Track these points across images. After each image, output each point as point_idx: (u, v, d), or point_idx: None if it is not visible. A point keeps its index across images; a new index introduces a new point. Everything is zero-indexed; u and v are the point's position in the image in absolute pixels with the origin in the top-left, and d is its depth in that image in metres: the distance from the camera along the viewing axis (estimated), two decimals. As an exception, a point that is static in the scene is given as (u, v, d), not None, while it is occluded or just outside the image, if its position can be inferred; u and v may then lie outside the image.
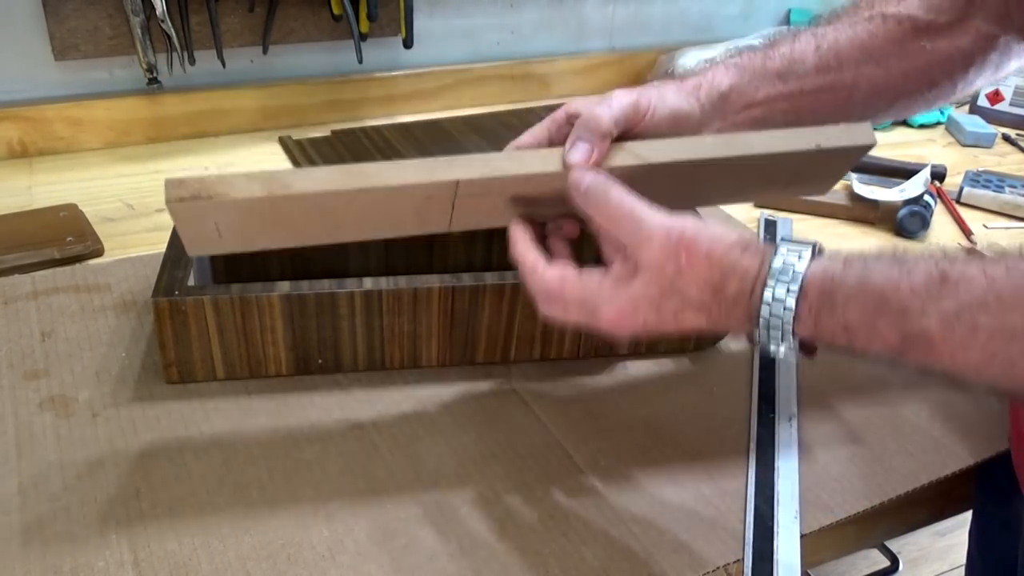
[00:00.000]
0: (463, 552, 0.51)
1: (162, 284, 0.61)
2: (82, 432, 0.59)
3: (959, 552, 1.39)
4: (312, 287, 0.61)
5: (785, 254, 0.43)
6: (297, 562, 0.50)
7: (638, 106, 0.54)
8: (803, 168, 0.57)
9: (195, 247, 0.52)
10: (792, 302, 0.42)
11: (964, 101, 1.32)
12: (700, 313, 0.45)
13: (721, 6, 1.39)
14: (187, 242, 0.52)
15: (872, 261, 0.41)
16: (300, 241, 0.53)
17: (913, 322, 0.39)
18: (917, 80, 0.62)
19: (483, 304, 0.64)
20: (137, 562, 0.49)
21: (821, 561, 0.58)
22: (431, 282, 0.63)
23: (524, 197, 0.53)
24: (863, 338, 0.41)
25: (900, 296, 0.40)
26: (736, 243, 0.44)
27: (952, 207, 0.99)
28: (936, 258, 0.40)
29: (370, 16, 1.09)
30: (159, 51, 1.03)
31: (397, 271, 0.75)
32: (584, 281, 0.48)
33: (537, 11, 1.28)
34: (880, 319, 0.40)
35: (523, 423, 0.62)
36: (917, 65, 0.61)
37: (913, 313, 0.39)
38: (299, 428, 0.60)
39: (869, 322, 0.40)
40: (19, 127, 1.01)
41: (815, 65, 0.60)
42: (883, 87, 0.61)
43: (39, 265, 0.78)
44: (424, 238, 0.75)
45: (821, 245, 0.44)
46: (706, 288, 0.44)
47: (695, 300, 0.44)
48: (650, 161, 0.52)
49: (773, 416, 0.63)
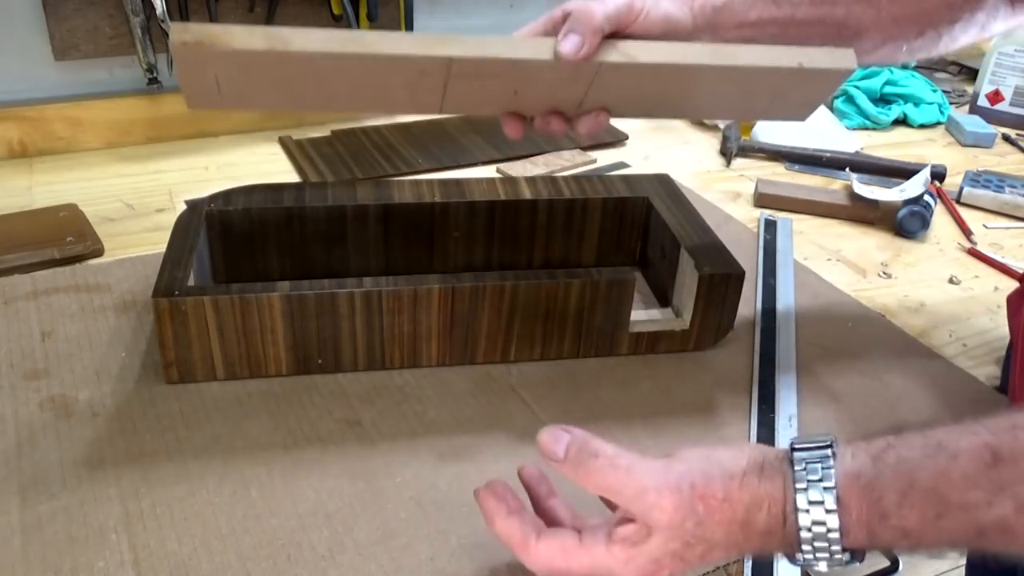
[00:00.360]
0: (463, 552, 0.51)
1: (162, 284, 0.61)
2: (82, 432, 0.59)
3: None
4: (312, 287, 0.61)
5: (806, 469, 0.40)
6: (297, 562, 0.50)
7: (632, 6, 0.54)
8: (785, 88, 0.58)
9: (195, 99, 0.55)
10: (835, 522, 0.39)
11: (964, 102, 1.33)
12: (731, 549, 0.41)
13: (721, 6, 1.39)
14: (187, 93, 0.54)
15: (904, 450, 0.39)
16: (295, 105, 0.58)
17: (983, 514, 0.37)
18: (905, 26, 0.63)
19: (483, 304, 0.64)
20: (137, 562, 0.49)
21: (821, 561, 0.58)
22: (431, 282, 0.62)
23: (514, 85, 0.55)
24: (930, 539, 0.38)
25: (958, 491, 0.37)
26: (751, 468, 0.41)
27: (952, 207, 0.99)
28: (975, 432, 0.38)
29: (370, 16, 1.09)
30: (159, 51, 1.03)
31: (397, 270, 0.75)
32: (590, 549, 0.43)
33: (537, 11, 1.27)
34: (944, 520, 0.38)
35: (523, 423, 0.62)
36: (907, 12, 0.62)
37: (981, 506, 0.37)
38: (299, 428, 0.60)
39: (932, 524, 0.38)
40: (19, 127, 1.01)
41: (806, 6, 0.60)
42: (872, 28, 0.62)
43: (39, 265, 0.78)
44: (425, 238, 0.75)
45: (834, 438, 0.41)
46: (732, 527, 0.41)
47: (723, 542, 0.41)
48: (638, 60, 0.53)
49: (773, 416, 0.63)
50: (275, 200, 0.72)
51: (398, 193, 0.75)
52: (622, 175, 0.84)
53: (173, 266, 0.63)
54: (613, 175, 0.84)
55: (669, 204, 0.77)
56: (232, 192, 0.73)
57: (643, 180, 0.81)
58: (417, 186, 0.76)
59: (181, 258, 0.64)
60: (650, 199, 0.78)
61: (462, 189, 0.76)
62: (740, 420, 0.63)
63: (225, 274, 0.73)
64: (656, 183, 0.81)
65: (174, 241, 0.67)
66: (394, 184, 0.77)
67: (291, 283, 0.61)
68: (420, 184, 0.77)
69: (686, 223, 0.74)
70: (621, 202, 0.78)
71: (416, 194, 0.75)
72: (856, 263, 0.87)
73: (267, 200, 0.72)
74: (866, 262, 0.88)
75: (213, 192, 0.73)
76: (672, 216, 0.75)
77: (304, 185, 0.78)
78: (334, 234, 0.73)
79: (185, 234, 0.67)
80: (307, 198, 0.73)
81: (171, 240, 0.67)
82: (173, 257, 0.64)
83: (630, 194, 0.78)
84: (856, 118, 1.23)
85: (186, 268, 0.63)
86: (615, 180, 0.81)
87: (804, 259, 0.87)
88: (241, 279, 0.71)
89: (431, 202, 0.74)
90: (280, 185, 0.76)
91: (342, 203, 0.73)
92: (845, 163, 1.06)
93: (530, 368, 0.67)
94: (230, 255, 0.73)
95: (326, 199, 0.73)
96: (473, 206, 0.75)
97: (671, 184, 0.82)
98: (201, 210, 0.70)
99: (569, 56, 0.52)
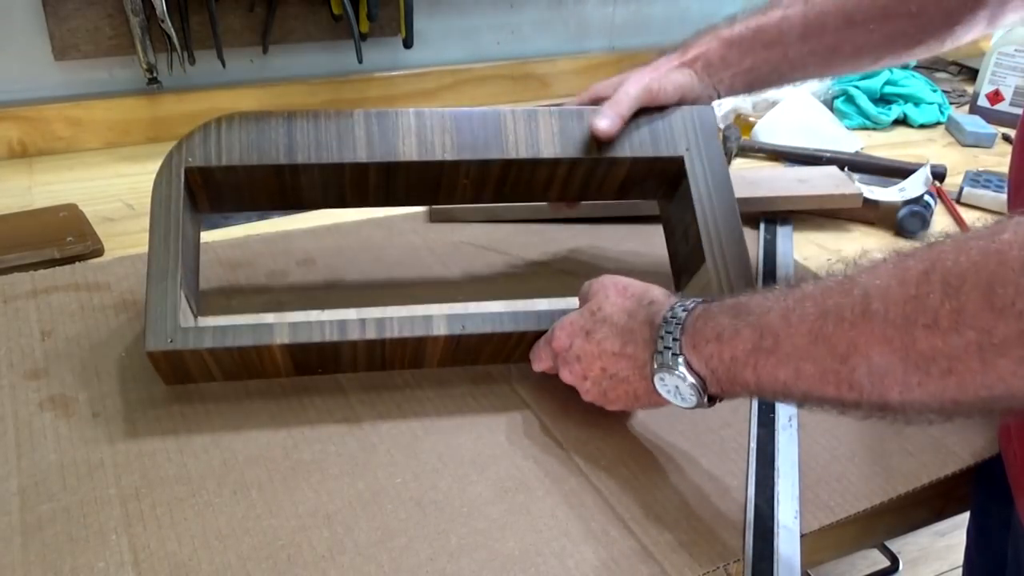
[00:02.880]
0: (463, 552, 0.51)
1: (153, 328, 0.57)
2: (82, 432, 0.59)
3: (959, 552, 1.38)
4: (312, 334, 0.59)
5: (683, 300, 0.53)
6: (297, 562, 0.50)
7: (650, 89, 0.68)
8: None
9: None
10: (682, 313, 0.51)
11: (964, 102, 1.33)
12: (623, 332, 0.55)
13: (721, 6, 1.39)
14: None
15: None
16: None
17: (762, 317, 0.46)
18: (902, 41, 0.66)
19: (488, 343, 0.63)
20: (137, 562, 0.49)
21: (821, 561, 0.58)
22: (438, 326, 0.61)
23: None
24: (728, 341, 0.47)
25: (756, 301, 0.47)
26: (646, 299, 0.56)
27: (952, 207, 0.99)
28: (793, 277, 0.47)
29: (370, 16, 1.09)
30: (159, 51, 1.03)
31: (397, 199, 0.70)
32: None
33: (537, 11, 1.28)
34: (740, 321, 0.47)
35: (523, 423, 0.62)
36: (901, 27, 0.64)
37: (763, 311, 0.46)
38: (299, 428, 0.60)
39: (732, 326, 0.47)
40: (19, 127, 1.01)
41: (800, 34, 0.67)
42: (866, 48, 0.67)
43: (39, 265, 0.78)
44: (431, 187, 0.69)
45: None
46: (626, 309, 0.56)
47: (618, 321, 0.56)
48: None
49: (773, 416, 0.63)
50: (261, 153, 0.63)
51: (404, 147, 0.65)
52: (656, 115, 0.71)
53: (159, 297, 0.58)
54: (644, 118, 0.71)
55: (703, 171, 0.69)
56: (208, 132, 0.65)
57: (678, 120, 0.70)
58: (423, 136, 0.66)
59: (167, 270, 0.59)
60: (683, 161, 0.69)
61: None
62: (740, 420, 0.63)
63: (209, 204, 0.67)
64: (693, 123, 0.70)
65: (155, 250, 0.60)
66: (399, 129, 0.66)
67: (290, 326, 0.59)
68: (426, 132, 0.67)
69: (714, 219, 0.67)
70: (651, 163, 0.70)
71: (423, 148, 0.66)
72: (856, 263, 0.87)
73: (252, 148, 0.64)
74: (866, 262, 0.87)
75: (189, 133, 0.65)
76: (703, 202, 0.68)
77: (293, 116, 0.65)
78: (330, 186, 0.67)
79: (167, 222, 0.61)
80: (297, 148, 0.64)
81: (151, 250, 0.60)
82: (159, 272, 0.59)
83: (661, 149, 0.69)
84: (856, 118, 1.23)
85: (175, 292, 0.59)
86: (643, 125, 0.70)
87: (804, 259, 0.87)
88: (223, 209, 0.67)
89: (440, 160, 0.66)
90: (265, 116, 0.65)
91: (339, 161, 0.65)
92: (845, 163, 1.06)
93: (530, 368, 0.67)
94: (215, 201, 0.67)
95: (320, 149, 0.64)
96: (487, 165, 0.68)
97: (709, 127, 0.71)
98: (180, 172, 0.63)
99: (602, 133, 0.66)
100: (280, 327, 0.59)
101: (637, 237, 0.88)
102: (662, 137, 0.70)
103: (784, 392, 0.45)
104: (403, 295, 0.76)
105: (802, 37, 0.67)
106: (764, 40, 0.68)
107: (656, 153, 0.69)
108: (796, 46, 0.67)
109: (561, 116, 0.68)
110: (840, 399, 0.42)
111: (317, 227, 0.87)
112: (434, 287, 0.78)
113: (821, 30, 0.66)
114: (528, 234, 0.88)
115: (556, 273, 0.81)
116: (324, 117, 0.65)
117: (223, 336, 0.59)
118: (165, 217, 0.62)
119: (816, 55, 0.67)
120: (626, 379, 0.55)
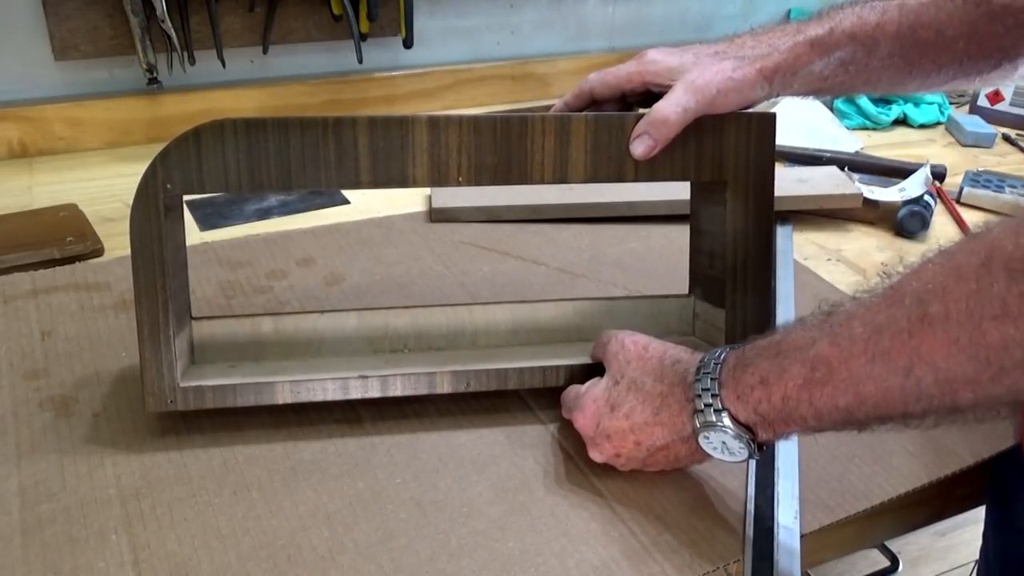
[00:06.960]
0: (463, 552, 0.51)
1: (150, 386, 0.57)
2: (82, 432, 0.59)
3: (959, 552, 1.39)
4: (314, 393, 0.59)
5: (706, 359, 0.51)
6: (297, 562, 0.50)
7: (713, 104, 0.59)
8: None
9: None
10: (714, 367, 0.49)
11: (965, 102, 1.32)
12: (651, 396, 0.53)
13: (721, 6, 1.39)
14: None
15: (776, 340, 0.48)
16: None
17: (809, 351, 0.44)
18: (983, 62, 0.62)
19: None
20: (137, 562, 0.49)
21: (821, 561, 0.58)
22: (442, 387, 0.60)
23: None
24: (775, 382, 0.45)
25: (795, 336, 0.46)
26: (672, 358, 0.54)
27: (952, 207, 0.99)
28: (825, 304, 0.46)
29: (370, 16, 1.09)
30: (159, 51, 1.03)
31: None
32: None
33: (537, 11, 1.28)
34: (784, 359, 0.45)
35: (523, 423, 0.62)
36: (984, 50, 0.61)
37: (807, 344, 0.44)
38: (299, 428, 0.60)
39: (777, 366, 0.45)
40: (19, 127, 1.01)
41: (890, 50, 0.62)
42: (946, 65, 0.63)
43: (39, 265, 0.78)
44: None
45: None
46: (652, 373, 0.53)
47: (647, 385, 0.53)
48: None
49: (773, 416, 0.63)
50: (252, 180, 0.56)
51: (414, 170, 0.57)
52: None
53: (152, 353, 0.56)
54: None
55: (745, 198, 0.62)
56: (188, 151, 0.57)
57: (731, 137, 0.61)
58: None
59: (158, 323, 0.56)
60: (727, 187, 0.62)
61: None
62: (740, 420, 0.63)
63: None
64: (747, 141, 0.62)
65: (140, 287, 0.56)
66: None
67: (291, 385, 0.58)
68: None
69: (744, 252, 0.62)
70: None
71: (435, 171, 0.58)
72: (856, 263, 0.87)
73: (242, 172, 0.56)
74: (866, 262, 0.88)
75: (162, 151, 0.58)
76: (736, 236, 0.62)
77: (287, 129, 0.55)
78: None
79: (151, 266, 0.57)
80: (293, 176, 0.56)
81: (136, 280, 0.56)
82: (151, 327, 0.56)
83: (704, 174, 0.61)
84: (856, 118, 1.23)
85: (168, 342, 0.56)
86: (690, 143, 0.60)
87: (804, 259, 0.87)
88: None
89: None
90: (255, 126, 0.55)
91: (339, 187, 0.58)
92: (845, 163, 1.06)
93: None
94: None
95: (317, 173, 0.56)
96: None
97: (767, 143, 0.63)
98: (159, 203, 0.58)
99: (640, 158, 0.59)
100: (282, 386, 0.58)
101: (637, 237, 0.88)
102: (707, 161, 0.61)
103: (846, 420, 0.43)
104: (403, 295, 0.76)
105: (890, 52, 0.62)
106: (855, 52, 0.61)
107: (698, 178, 0.62)
108: (881, 59, 0.62)
109: (598, 127, 0.59)
110: (907, 413, 0.41)
111: (317, 227, 0.87)
112: (434, 287, 0.78)
113: (910, 44, 0.61)
114: (528, 234, 0.88)
115: (556, 273, 0.81)
116: (322, 128, 0.55)
117: (223, 397, 0.58)
118: (148, 262, 0.56)
119: (893, 69, 0.62)
120: (665, 446, 0.52)
